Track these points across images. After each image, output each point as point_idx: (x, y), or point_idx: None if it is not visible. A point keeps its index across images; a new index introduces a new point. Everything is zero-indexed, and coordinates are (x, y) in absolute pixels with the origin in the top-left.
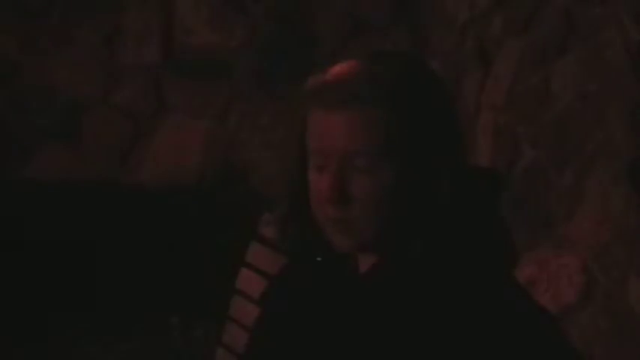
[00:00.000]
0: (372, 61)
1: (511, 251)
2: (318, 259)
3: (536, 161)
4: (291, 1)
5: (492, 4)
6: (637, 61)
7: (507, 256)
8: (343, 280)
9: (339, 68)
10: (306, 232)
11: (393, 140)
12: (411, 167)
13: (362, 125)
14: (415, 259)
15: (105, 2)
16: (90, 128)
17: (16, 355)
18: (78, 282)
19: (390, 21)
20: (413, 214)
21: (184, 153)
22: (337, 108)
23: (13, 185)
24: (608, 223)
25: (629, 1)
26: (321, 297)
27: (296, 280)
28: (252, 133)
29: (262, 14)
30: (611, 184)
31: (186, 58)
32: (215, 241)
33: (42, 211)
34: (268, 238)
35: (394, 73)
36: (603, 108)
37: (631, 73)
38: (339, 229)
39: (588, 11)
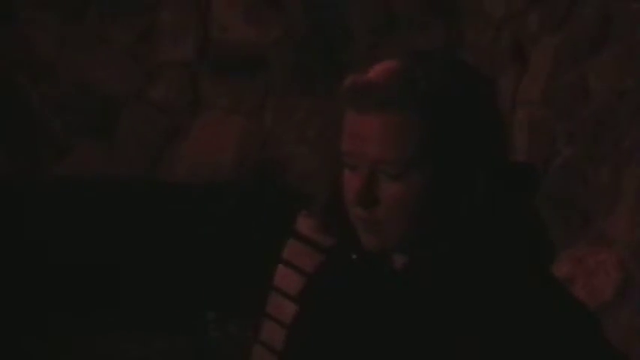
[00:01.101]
0: (409, 63)
1: (548, 247)
2: (354, 256)
3: (573, 158)
4: None
5: (529, 0)
6: None
7: (544, 252)
8: (378, 278)
9: (377, 70)
10: (344, 228)
11: (425, 147)
12: (443, 173)
13: (394, 131)
14: (449, 257)
15: None
16: (126, 125)
17: (55, 350)
18: (114, 279)
19: (425, 17)
20: (445, 215)
21: (220, 149)
22: (370, 111)
23: (49, 182)
24: None
25: None
26: (357, 294)
27: (333, 278)
28: (288, 128)
29: (298, 10)
30: None
31: (222, 54)
32: (251, 238)
33: (77, 207)
34: (305, 234)
35: (431, 78)
36: None
37: None
38: (366, 229)
39: (625, 7)
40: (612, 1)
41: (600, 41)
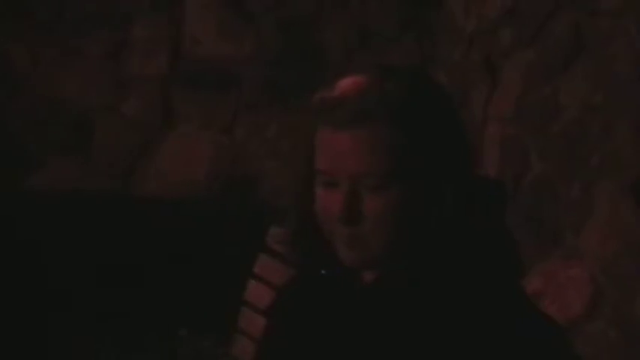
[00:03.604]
0: (380, 77)
1: (517, 262)
2: (323, 272)
3: (544, 173)
4: (300, 12)
5: (501, 15)
6: None
7: (513, 266)
8: (348, 293)
9: (347, 84)
10: (314, 246)
11: (402, 159)
12: (419, 184)
13: (372, 145)
14: (419, 271)
15: (113, 13)
16: (98, 139)
17: None
18: (85, 293)
19: (398, 32)
20: (417, 228)
21: (192, 164)
22: (346, 127)
23: (21, 196)
24: (617, 235)
25: (638, 14)
26: (327, 309)
27: (303, 292)
28: (260, 143)
29: (270, 25)
30: (619, 196)
31: (194, 69)
32: (223, 253)
33: (50, 222)
34: (276, 249)
35: (403, 91)
36: (611, 120)
37: (639, 86)
38: (348, 245)
39: (597, 24)
40: (583, 17)
41: (572, 57)
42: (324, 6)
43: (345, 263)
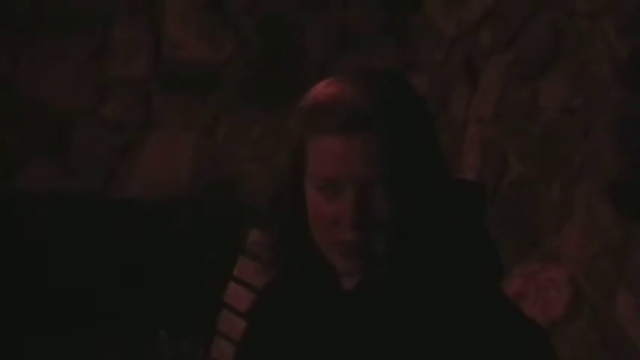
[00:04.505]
0: (369, 80)
1: (497, 264)
2: (302, 275)
3: (524, 175)
4: (281, 14)
5: (480, 18)
6: (623, 76)
7: (494, 268)
8: (329, 297)
9: (339, 89)
10: (296, 250)
11: (402, 163)
12: (413, 186)
13: (379, 149)
14: (401, 274)
15: (94, 16)
16: (79, 142)
17: None
18: (65, 296)
19: (379, 34)
20: (408, 232)
21: (173, 166)
22: (343, 133)
23: (1, 197)
24: (596, 236)
25: (616, 16)
26: (306, 313)
27: (282, 296)
28: (241, 145)
29: (251, 27)
30: (598, 198)
31: (175, 72)
32: (204, 255)
33: (30, 224)
34: (257, 252)
35: (394, 93)
36: (590, 122)
37: (617, 88)
38: (349, 252)
39: (575, 26)
40: (562, 19)
41: (551, 59)
42: (304, 8)
43: (344, 273)
